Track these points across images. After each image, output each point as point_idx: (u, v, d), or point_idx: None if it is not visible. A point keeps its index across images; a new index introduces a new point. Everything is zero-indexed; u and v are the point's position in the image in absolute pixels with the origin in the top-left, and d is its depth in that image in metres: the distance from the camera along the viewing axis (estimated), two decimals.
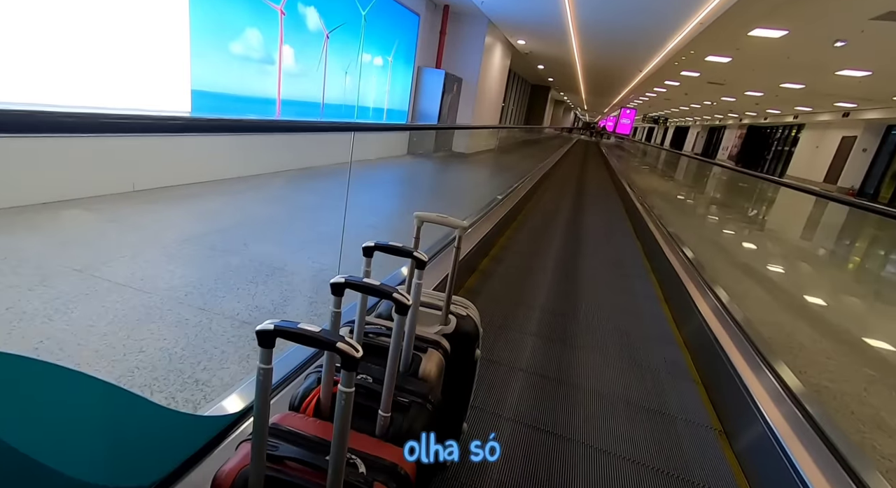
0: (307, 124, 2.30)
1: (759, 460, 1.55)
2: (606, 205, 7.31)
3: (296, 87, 5.37)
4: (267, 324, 0.64)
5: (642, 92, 21.26)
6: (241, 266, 2.66)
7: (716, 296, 2.65)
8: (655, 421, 1.78)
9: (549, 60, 13.41)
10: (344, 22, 6.00)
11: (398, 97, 8.19)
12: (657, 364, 2.22)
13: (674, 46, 9.50)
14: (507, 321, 2.43)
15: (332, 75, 6.01)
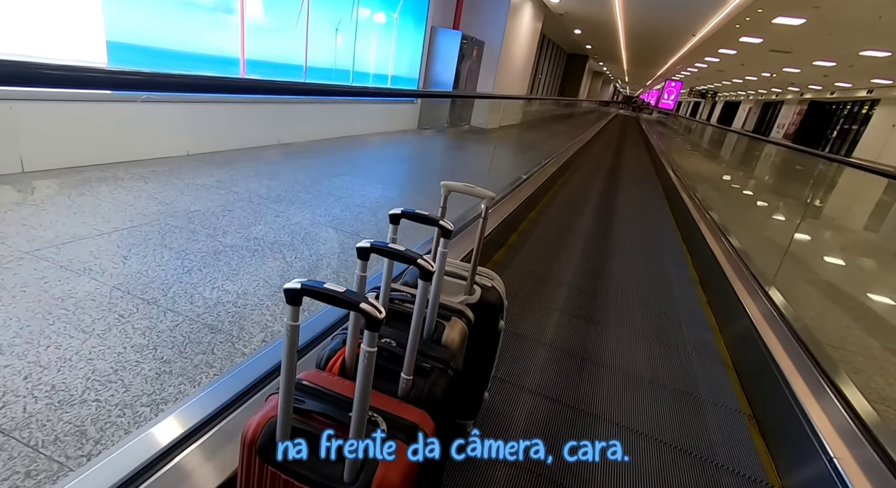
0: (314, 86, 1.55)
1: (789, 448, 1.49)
2: (644, 202, 6.13)
3: (267, 45, 4.39)
4: (294, 283, 0.65)
5: (691, 62, 19.04)
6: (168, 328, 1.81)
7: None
8: (681, 402, 1.77)
9: (587, 23, 11.77)
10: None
11: (406, 62, 7.08)
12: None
13: (738, 3, 7.86)
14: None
15: (318, 33, 4.98)
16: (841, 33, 10.06)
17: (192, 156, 3.90)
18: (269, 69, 4.51)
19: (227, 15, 3.84)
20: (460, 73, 8.13)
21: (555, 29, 13.98)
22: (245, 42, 4.05)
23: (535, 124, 12.48)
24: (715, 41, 12.24)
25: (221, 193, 3.21)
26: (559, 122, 14.23)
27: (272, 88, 1.72)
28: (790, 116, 25.86)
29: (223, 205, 2.99)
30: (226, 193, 3.22)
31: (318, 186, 3.80)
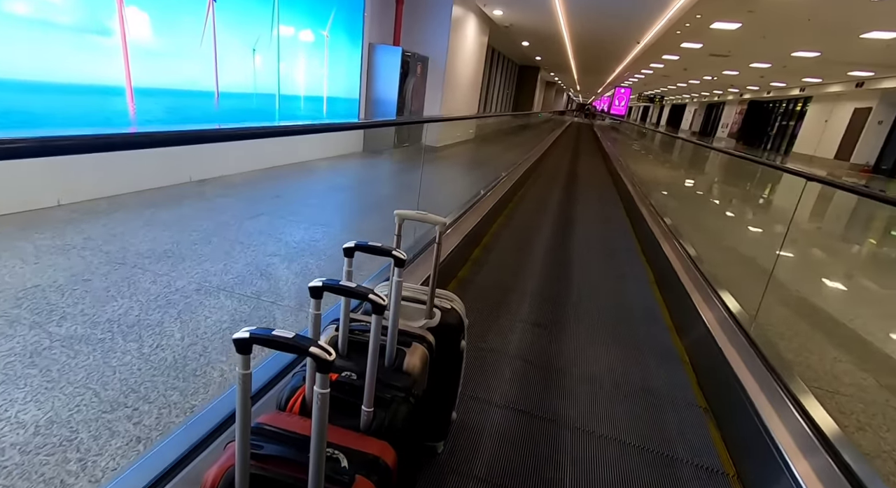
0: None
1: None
2: (601, 205, 5.80)
3: (163, 70, 3.76)
4: (243, 332, 0.66)
5: (638, 69, 19.45)
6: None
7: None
8: (642, 400, 1.82)
9: (533, 35, 11.63)
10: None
11: (343, 81, 6.54)
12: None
13: (678, 8, 7.80)
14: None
15: (231, 54, 4.38)
16: (774, 36, 10.32)
17: (63, 206, 3.19)
18: (169, 97, 3.86)
19: (102, 37, 3.20)
20: (405, 91, 7.67)
21: (503, 42, 13.84)
22: (131, 68, 3.41)
23: (491, 138, 12.18)
24: (658, 48, 12.38)
25: (84, 256, 2.53)
26: (515, 135, 14.03)
27: (184, 139, 1.14)
28: (732, 116, 26.93)
29: (79, 273, 2.33)
30: (91, 255, 2.55)
31: (224, 233, 3.17)
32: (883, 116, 15.77)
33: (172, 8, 3.69)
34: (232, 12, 4.28)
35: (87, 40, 3.09)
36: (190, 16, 3.87)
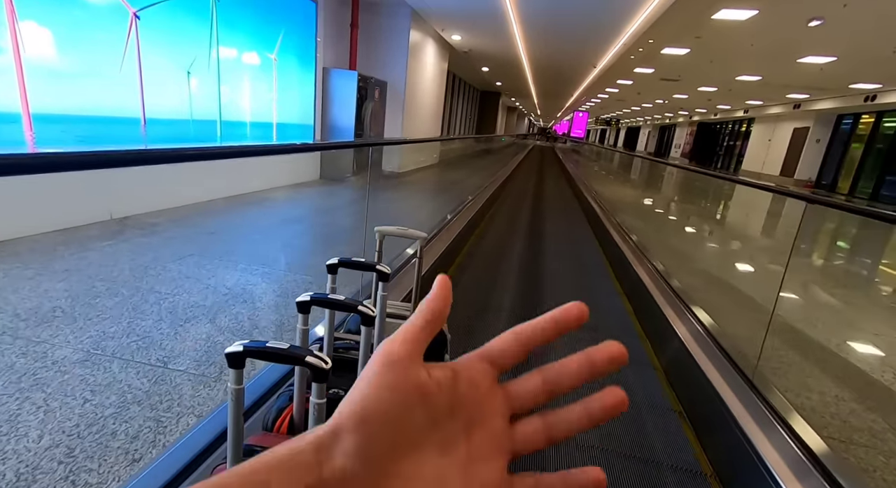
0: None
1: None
2: (568, 225, 5.60)
3: (73, 94, 3.26)
4: (236, 346, 0.64)
5: (594, 93, 20.11)
6: None
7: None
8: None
9: (492, 60, 11.71)
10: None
11: (295, 107, 6.16)
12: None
13: (632, 33, 7.95)
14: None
15: (159, 76, 3.93)
16: (720, 61, 10.79)
17: None
18: (82, 124, 3.35)
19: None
20: (363, 116, 7.36)
21: (463, 68, 13.92)
22: (28, 91, 2.90)
23: (455, 162, 12.01)
24: (613, 73, 12.74)
25: None
26: (479, 158, 13.95)
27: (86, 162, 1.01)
28: (684, 137, 28.25)
29: None
30: None
31: (138, 281, 2.66)
32: (820, 135, 16.79)
33: (82, 24, 3.23)
34: (160, 31, 3.85)
35: None
36: (106, 33, 3.42)
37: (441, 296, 0.22)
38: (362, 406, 0.19)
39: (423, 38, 8.53)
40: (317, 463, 0.19)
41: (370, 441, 0.19)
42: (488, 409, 0.22)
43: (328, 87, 6.75)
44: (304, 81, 6.24)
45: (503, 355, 0.22)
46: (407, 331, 0.21)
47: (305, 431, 0.20)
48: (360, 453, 0.19)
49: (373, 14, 7.49)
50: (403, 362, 0.20)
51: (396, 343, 0.21)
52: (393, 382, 0.20)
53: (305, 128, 6.44)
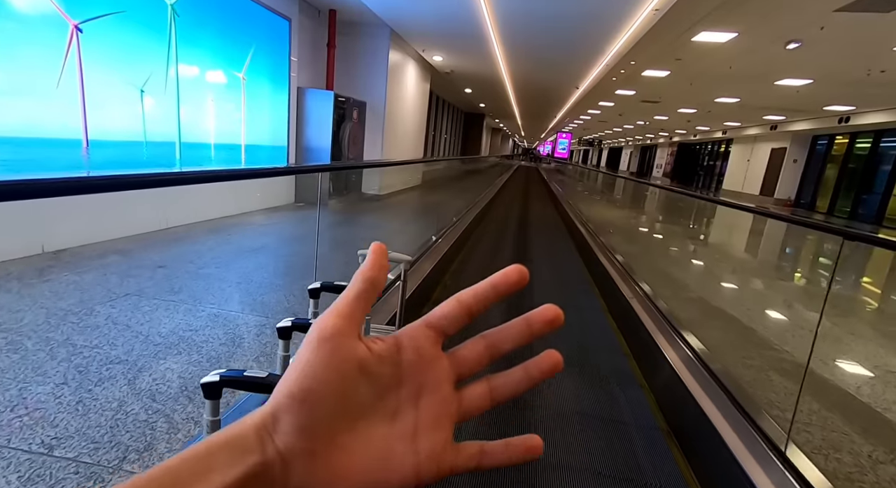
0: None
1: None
2: (553, 246, 5.31)
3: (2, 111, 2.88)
4: (213, 375, 0.63)
5: (577, 115, 20.32)
6: None
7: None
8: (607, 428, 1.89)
9: (475, 81, 11.63)
10: (121, 10, 3.62)
11: (266, 128, 5.83)
12: None
13: (614, 54, 7.91)
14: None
15: (105, 95, 3.57)
16: (700, 83, 10.89)
17: None
18: (6, 147, 2.96)
19: None
20: (341, 137, 7.07)
21: (447, 89, 13.86)
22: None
23: (439, 184, 11.77)
24: (596, 94, 12.80)
25: None
26: (464, 179, 13.76)
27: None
28: (665, 157, 28.72)
29: None
30: None
31: (53, 330, 2.24)
32: (797, 155, 17.11)
33: (12, 36, 2.88)
34: (107, 46, 3.51)
35: None
36: (39, 47, 3.06)
37: (376, 264, 0.22)
38: (298, 385, 0.19)
39: (404, 58, 8.36)
40: (259, 443, 0.18)
41: (310, 418, 0.19)
42: (434, 376, 0.22)
43: (303, 108, 6.46)
44: (276, 101, 5.93)
45: (447, 321, 0.22)
46: (340, 305, 0.21)
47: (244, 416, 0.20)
48: (301, 431, 0.19)
49: (351, 34, 7.29)
50: (338, 337, 0.20)
51: (330, 318, 0.21)
52: (328, 359, 0.20)
53: (278, 149, 6.11)
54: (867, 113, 12.59)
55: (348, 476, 0.19)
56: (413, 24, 7.16)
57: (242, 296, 3.01)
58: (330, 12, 6.70)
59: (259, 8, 5.20)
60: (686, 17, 6.26)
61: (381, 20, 6.96)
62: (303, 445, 0.19)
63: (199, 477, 0.17)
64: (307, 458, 0.19)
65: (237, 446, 0.18)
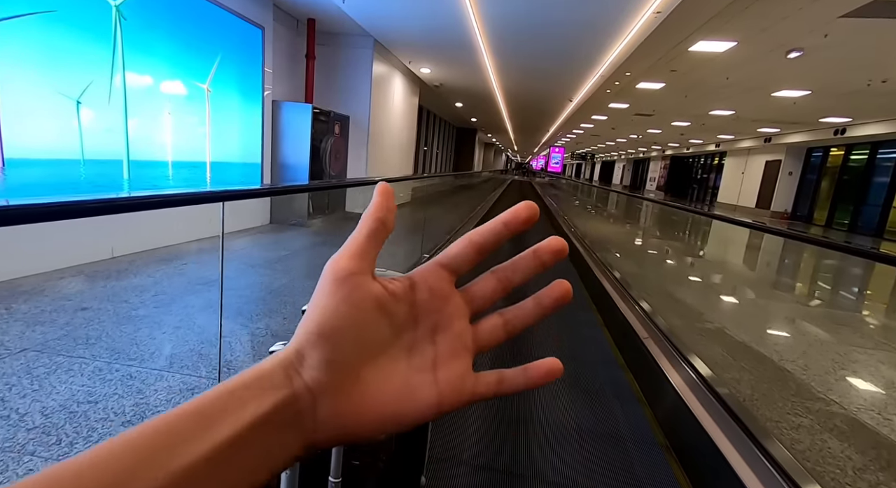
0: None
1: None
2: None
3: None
4: None
5: (570, 129, 20.09)
6: None
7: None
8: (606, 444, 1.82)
9: (466, 95, 11.27)
10: (49, 10, 3.12)
11: (235, 143, 5.32)
12: None
13: (609, 65, 7.54)
14: None
15: (28, 106, 3.05)
16: (694, 95, 10.60)
17: None
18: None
19: None
20: (321, 153, 6.58)
21: (437, 103, 13.51)
22: None
23: (430, 200, 11.28)
24: (588, 108, 12.50)
25: None
26: (456, 195, 13.32)
27: None
28: (658, 170, 28.56)
29: None
30: None
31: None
32: (792, 168, 16.86)
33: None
34: (30, 50, 3.00)
35: None
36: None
37: (383, 205, 0.22)
38: (319, 323, 0.20)
39: (390, 70, 7.95)
40: (286, 378, 0.19)
41: (334, 353, 0.19)
42: (448, 312, 0.22)
43: (279, 122, 5.98)
44: (248, 115, 5.44)
45: (458, 259, 0.23)
46: (351, 245, 0.21)
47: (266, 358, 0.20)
48: (327, 366, 0.19)
49: (332, 45, 6.87)
50: (353, 277, 0.20)
51: (343, 258, 0.21)
52: (346, 297, 0.20)
53: (251, 167, 5.59)
54: (864, 124, 12.34)
55: (374, 406, 0.20)
56: (398, 35, 6.75)
57: (176, 347, 2.43)
58: (309, 21, 6.28)
59: (227, 14, 4.74)
60: (685, 25, 5.90)
61: (363, 30, 6.55)
62: (329, 379, 0.19)
63: (231, 411, 0.17)
64: (334, 392, 0.19)
65: (266, 381, 0.18)
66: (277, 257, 4.45)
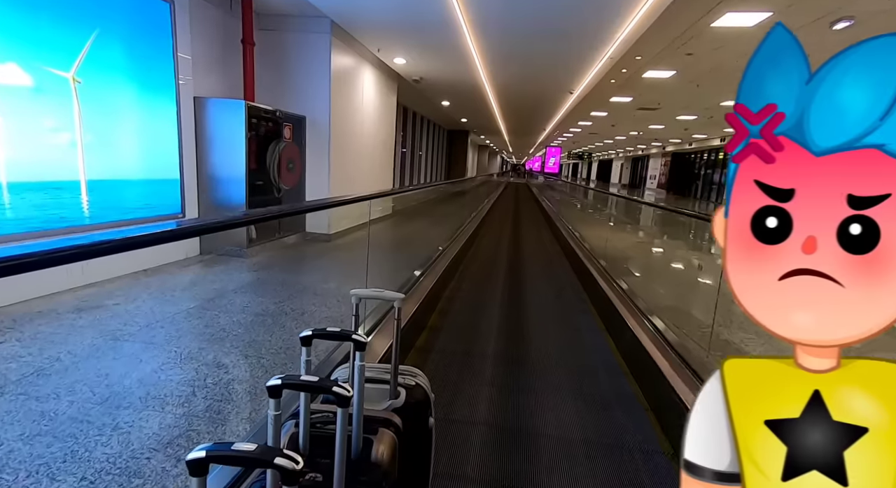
0: None
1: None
2: (554, 286, 3.42)
3: None
4: (198, 451, 0.60)
5: (567, 128, 18.74)
6: None
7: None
8: (613, 456, 1.76)
9: (452, 93, 9.89)
10: None
11: (133, 155, 3.92)
12: None
13: (617, 47, 6.16)
14: None
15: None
16: (707, 83, 9.26)
17: None
18: None
19: None
20: (269, 163, 5.19)
21: (421, 103, 12.13)
22: None
23: (417, 211, 9.91)
24: (588, 103, 11.18)
25: None
26: (447, 203, 11.93)
27: None
28: (658, 167, 27.21)
29: None
30: None
31: None
32: None
33: None
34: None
35: None
36: None
37: None
38: None
39: (357, 62, 6.57)
40: None
41: None
42: None
43: (204, 125, 4.59)
44: (155, 116, 4.05)
45: None
46: None
47: None
48: None
49: (276, 29, 5.49)
50: None
51: None
52: None
53: (161, 185, 4.20)
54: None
55: None
56: (360, 15, 5.38)
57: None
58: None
59: None
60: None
61: (317, 10, 5.17)
62: None
63: None
64: None
65: None
66: (173, 315, 3.04)
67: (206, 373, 2.26)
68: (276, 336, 2.80)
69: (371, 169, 7.68)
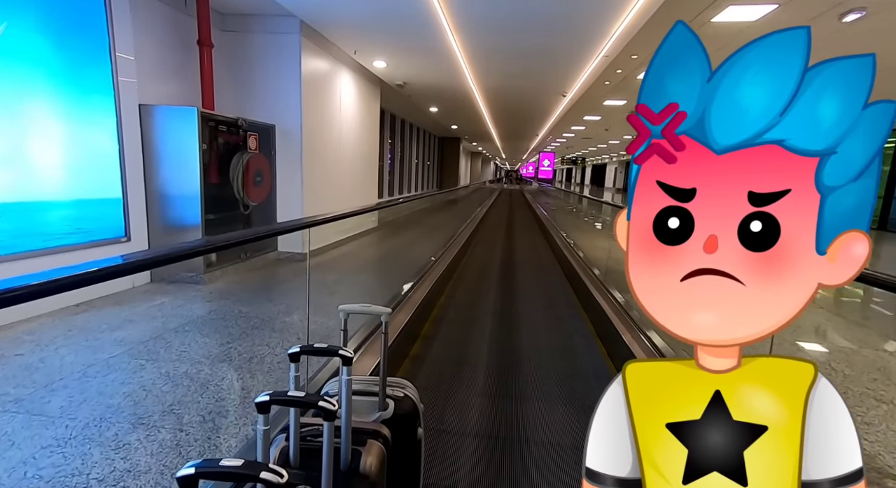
0: None
1: None
2: (549, 298, 2.89)
3: None
4: (188, 468, 0.62)
5: (559, 133, 18.34)
6: None
7: None
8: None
9: (439, 98, 9.39)
10: None
11: (59, 171, 3.34)
12: None
13: (612, 45, 5.68)
14: None
15: None
16: None
17: None
18: None
19: None
20: (232, 177, 4.64)
21: (408, 110, 11.63)
22: None
23: (405, 222, 9.38)
24: (581, 107, 10.74)
25: None
26: (439, 212, 11.42)
27: None
28: None
29: None
30: None
31: None
32: None
33: None
34: None
35: None
36: None
37: None
38: None
39: (332, 65, 6.05)
40: None
41: None
42: None
43: (151, 136, 4.02)
44: (87, 126, 3.49)
45: None
46: None
47: None
48: None
49: (239, 30, 4.96)
50: None
51: None
52: None
53: (99, 205, 3.62)
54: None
55: None
56: (331, 12, 4.86)
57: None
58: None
59: None
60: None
61: (284, 9, 4.65)
62: None
63: None
64: None
65: None
66: (85, 368, 2.45)
67: (95, 463, 1.68)
68: (209, 395, 2.22)
69: (353, 179, 7.13)
